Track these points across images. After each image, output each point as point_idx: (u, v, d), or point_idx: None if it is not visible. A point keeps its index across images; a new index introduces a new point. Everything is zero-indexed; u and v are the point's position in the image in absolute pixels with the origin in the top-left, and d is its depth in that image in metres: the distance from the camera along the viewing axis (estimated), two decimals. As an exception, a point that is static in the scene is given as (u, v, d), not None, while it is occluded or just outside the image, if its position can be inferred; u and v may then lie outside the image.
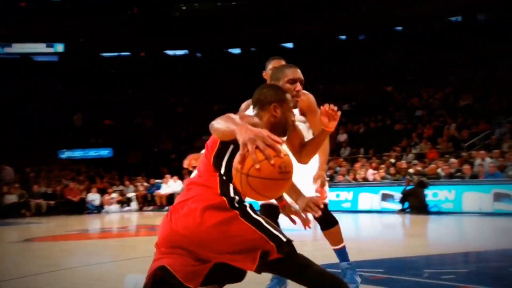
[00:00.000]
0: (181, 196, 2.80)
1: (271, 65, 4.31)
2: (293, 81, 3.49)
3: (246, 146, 2.29)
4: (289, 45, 36.74)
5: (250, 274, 2.72)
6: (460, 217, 13.40)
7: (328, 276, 2.62)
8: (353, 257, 6.35)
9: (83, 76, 32.49)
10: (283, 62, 4.27)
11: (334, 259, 4.18)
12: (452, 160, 16.08)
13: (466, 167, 15.01)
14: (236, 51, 38.56)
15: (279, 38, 34.77)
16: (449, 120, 20.60)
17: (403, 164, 17.12)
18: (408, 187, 14.96)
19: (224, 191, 2.64)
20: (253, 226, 2.62)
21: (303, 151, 3.16)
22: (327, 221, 4.15)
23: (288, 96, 2.90)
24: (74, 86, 31.71)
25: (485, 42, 26.46)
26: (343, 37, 35.37)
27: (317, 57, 31.89)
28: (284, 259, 2.60)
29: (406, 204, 14.86)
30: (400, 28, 33.40)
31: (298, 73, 3.54)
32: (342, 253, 4.21)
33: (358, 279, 4.18)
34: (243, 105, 4.29)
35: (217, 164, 2.69)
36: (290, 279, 2.71)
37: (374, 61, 30.09)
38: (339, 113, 3.14)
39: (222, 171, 2.67)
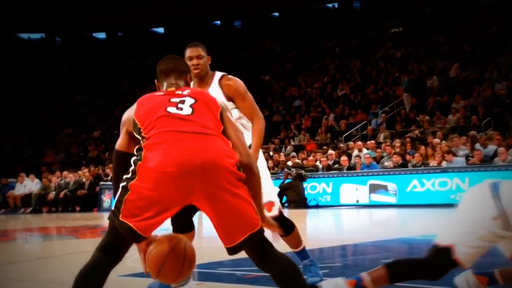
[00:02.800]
0: (186, 126, 2.75)
1: (187, 53, 4.16)
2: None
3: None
4: (160, 30, 36.42)
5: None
6: (338, 210, 14.04)
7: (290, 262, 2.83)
8: (226, 255, 6.44)
9: None
10: (200, 50, 4.12)
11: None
12: (330, 151, 16.80)
13: (343, 158, 15.75)
14: (101, 35, 37.57)
15: (149, 22, 34.33)
16: (328, 111, 21.48)
17: (281, 156, 17.61)
18: (286, 181, 15.41)
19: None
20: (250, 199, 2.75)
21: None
22: (285, 227, 4.22)
23: None
24: None
25: (360, 30, 27.87)
26: (218, 22, 35.65)
27: (190, 43, 31.85)
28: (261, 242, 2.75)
29: (284, 199, 15.30)
30: (276, 14, 34.25)
31: None
32: (302, 253, 4.35)
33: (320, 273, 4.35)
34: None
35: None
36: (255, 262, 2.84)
37: (250, 49, 30.61)
38: None
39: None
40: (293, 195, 15.13)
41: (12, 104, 29.77)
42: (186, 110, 2.82)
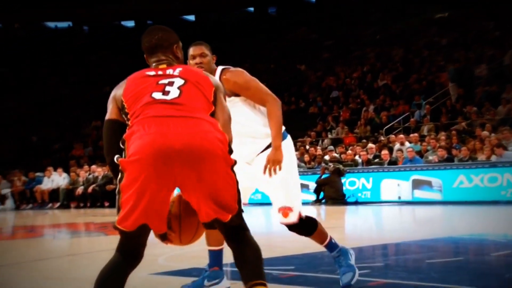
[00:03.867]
0: (169, 110, 2.79)
1: (190, 51, 4.12)
2: None
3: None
4: (191, 17, 36.57)
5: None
6: (379, 207, 13.95)
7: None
8: (263, 254, 6.45)
9: None
10: (203, 48, 4.10)
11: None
12: (370, 145, 16.68)
13: (384, 152, 15.62)
14: (130, 23, 37.92)
15: (179, 9, 34.50)
16: (367, 102, 21.32)
17: (318, 150, 17.57)
18: (324, 176, 15.36)
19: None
20: (236, 183, 2.83)
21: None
22: (307, 228, 4.19)
23: None
24: None
25: (402, 16, 27.56)
26: (251, 9, 35.64)
27: (222, 32, 31.93)
28: (232, 228, 2.86)
29: (322, 195, 15.27)
30: (313, 0, 34.08)
31: None
32: (330, 246, 4.30)
33: (353, 260, 4.27)
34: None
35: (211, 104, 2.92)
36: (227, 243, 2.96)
37: (285, 37, 30.51)
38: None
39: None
40: (331, 191, 15.08)
41: (39, 95, 30.30)
42: (173, 93, 2.86)
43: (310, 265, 5.34)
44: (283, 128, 4.10)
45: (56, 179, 19.81)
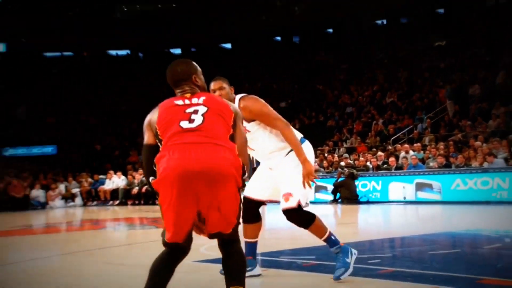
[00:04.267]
0: (193, 137, 2.81)
1: (211, 86, 4.05)
2: None
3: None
4: (228, 45, 36.70)
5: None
6: (387, 206, 13.80)
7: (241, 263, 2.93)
8: (286, 245, 6.42)
9: (26, 76, 31.32)
10: (221, 82, 4.05)
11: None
12: (379, 153, 16.53)
13: (391, 159, 15.47)
14: (177, 51, 38.19)
15: (218, 38, 34.70)
16: (377, 116, 21.14)
17: (335, 157, 17.46)
18: (340, 179, 15.26)
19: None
20: (240, 201, 2.89)
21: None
22: (305, 218, 4.03)
23: None
24: (17, 86, 30.51)
25: (407, 43, 27.32)
26: (278, 38, 35.65)
27: (254, 57, 32.00)
28: (227, 240, 2.91)
29: (338, 195, 15.16)
30: (330, 30, 33.98)
31: None
32: (329, 241, 4.12)
33: (351, 259, 4.04)
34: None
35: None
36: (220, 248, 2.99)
37: (307, 61, 30.48)
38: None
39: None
40: (346, 192, 14.97)
41: (103, 111, 30.69)
42: (197, 120, 2.87)
43: (330, 255, 5.30)
44: (300, 135, 4.08)
45: (116, 181, 20.02)
